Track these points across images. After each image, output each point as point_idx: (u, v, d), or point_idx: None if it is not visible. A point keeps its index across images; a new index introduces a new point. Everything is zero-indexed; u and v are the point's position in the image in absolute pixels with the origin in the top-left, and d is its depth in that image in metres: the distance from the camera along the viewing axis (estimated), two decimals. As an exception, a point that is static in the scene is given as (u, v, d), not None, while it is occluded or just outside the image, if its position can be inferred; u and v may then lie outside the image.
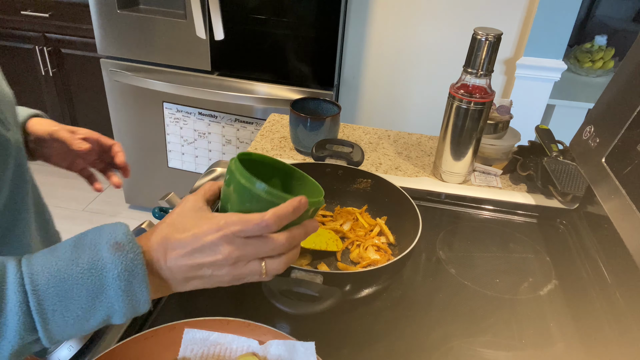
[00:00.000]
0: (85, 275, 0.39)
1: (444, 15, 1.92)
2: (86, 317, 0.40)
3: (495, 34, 0.83)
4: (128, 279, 0.40)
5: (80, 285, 0.39)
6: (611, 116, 0.72)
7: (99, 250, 0.40)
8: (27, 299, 0.38)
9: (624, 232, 0.64)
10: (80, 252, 0.40)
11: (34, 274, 0.39)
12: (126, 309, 0.41)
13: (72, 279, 0.39)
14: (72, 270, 0.39)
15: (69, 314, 0.39)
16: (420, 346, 0.63)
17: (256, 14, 1.74)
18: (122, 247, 0.41)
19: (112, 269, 0.40)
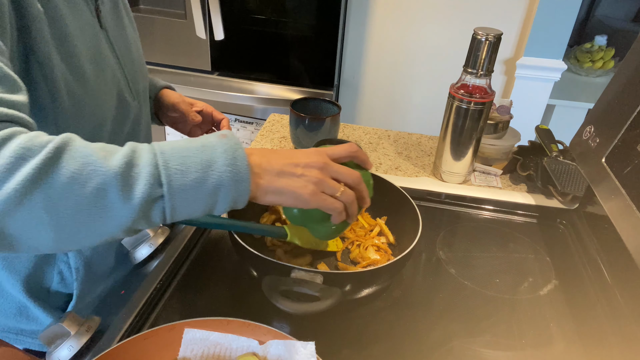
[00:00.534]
0: (199, 150, 0.46)
1: (444, 16, 1.92)
2: (201, 182, 0.45)
3: (495, 34, 0.83)
4: (232, 154, 0.47)
5: (196, 155, 0.46)
6: (611, 116, 0.72)
7: (209, 137, 0.49)
8: (156, 158, 0.44)
9: (624, 232, 0.64)
10: (195, 140, 0.48)
11: (161, 146, 0.46)
12: (231, 181, 0.46)
13: (190, 150, 0.46)
14: (190, 146, 0.47)
15: (188, 175, 0.45)
16: (420, 346, 0.63)
17: (256, 14, 1.74)
18: (227, 136, 0.49)
19: (219, 146, 0.47)
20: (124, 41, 0.70)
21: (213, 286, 0.70)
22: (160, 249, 0.71)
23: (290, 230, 0.69)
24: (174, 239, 0.74)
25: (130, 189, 0.42)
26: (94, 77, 0.60)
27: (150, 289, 0.65)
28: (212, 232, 0.81)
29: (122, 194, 0.42)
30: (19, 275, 0.66)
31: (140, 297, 0.63)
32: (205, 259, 0.75)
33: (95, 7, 0.63)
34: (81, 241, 0.43)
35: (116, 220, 0.43)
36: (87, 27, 0.60)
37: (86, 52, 0.59)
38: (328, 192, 0.53)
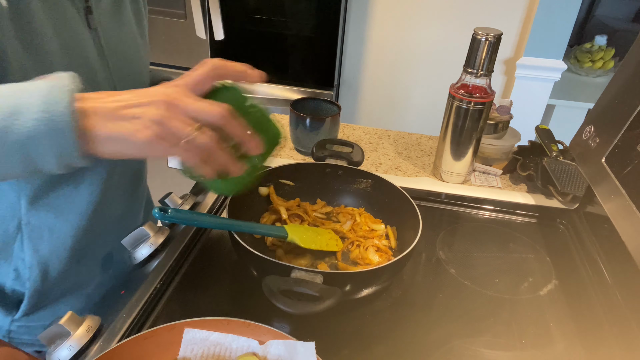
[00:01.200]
0: (9, 95, 0.41)
1: (444, 16, 1.92)
2: (4, 132, 0.39)
3: (495, 34, 0.83)
4: (51, 98, 0.40)
5: (2, 101, 0.41)
6: (611, 116, 0.72)
7: (34, 80, 0.43)
8: None
9: (624, 232, 0.64)
10: (15, 85, 0.43)
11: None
12: (46, 130, 0.40)
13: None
14: (2, 90, 0.41)
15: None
16: (420, 346, 0.63)
17: (256, 14, 1.74)
18: (59, 77, 0.42)
19: (37, 89, 0.41)
20: (119, 42, 0.68)
21: (213, 286, 0.70)
22: (160, 249, 0.71)
23: (290, 230, 0.69)
24: (174, 239, 0.74)
25: None
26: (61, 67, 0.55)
27: (150, 289, 0.65)
28: (212, 232, 0.81)
29: None
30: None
31: (140, 297, 0.63)
32: (205, 259, 0.75)
33: (85, 6, 0.61)
34: None
35: None
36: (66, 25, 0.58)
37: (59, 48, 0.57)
38: (178, 134, 0.43)
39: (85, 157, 0.43)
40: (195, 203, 0.83)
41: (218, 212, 0.85)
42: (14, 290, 0.68)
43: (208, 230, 0.81)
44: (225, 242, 0.79)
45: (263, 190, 0.83)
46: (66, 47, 0.59)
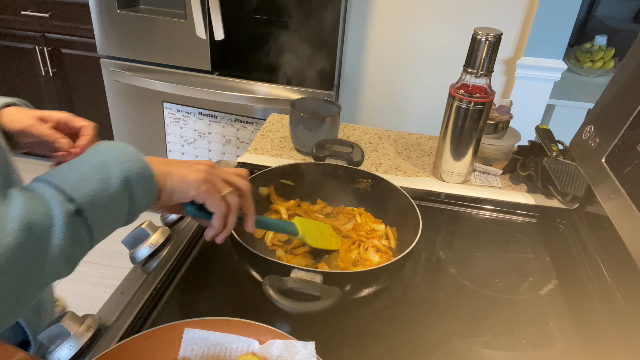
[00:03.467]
0: (85, 160, 0.48)
1: (444, 15, 1.92)
2: (106, 181, 0.46)
3: (495, 34, 0.83)
4: (124, 152, 0.49)
5: (87, 163, 0.47)
6: (611, 116, 0.72)
7: (87, 151, 0.50)
8: (49, 180, 0.44)
9: (624, 232, 0.64)
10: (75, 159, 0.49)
11: (47, 175, 0.46)
12: (135, 169, 0.48)
13: (78, 162, 0.47)
14: (74, 162, 0.48)
15: (90, 180, 0.45)
16: (420, 346, 0.63)
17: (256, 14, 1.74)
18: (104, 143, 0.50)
19: (106, 149, 0.49)
20: None
21: (213, 286, 0.70)
22: (160, 249, 0.71)
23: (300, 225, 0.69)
24: (174, 239, 0.74)
25: (46, 216, 0.42)
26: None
27: (150, 289, 0.65)
28: (212, 232, 0.81)
29: (42, 225, 0.41)
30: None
31: (140, 297, 0.63)
32: (205, 259, 0.75)
33: None
34: (32, 291, 0.42)
35: (54, 251, 0.42)
36: None
37: None
38: (217, 186, 0.54)
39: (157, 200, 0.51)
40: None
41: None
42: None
43: (208, 230, 0.81)
44: (225, 242, 0.79)
45: (263, 190, 0.83)
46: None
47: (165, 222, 0.79)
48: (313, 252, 0.74)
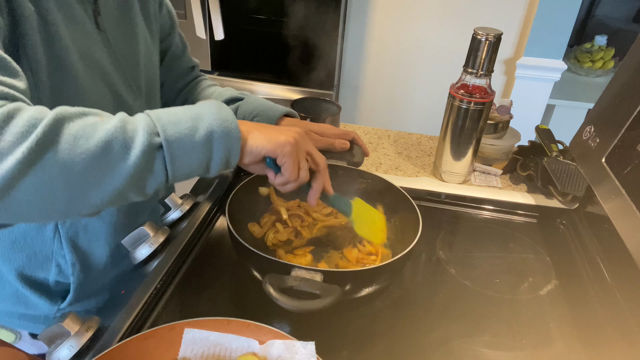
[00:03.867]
0: (186, 109, 0.52)
1: (444, 15, 1.93)
2: (194, 130, 0.50)
3: (495, 34, 0.83)
4: (217, 108, 0.53)
5: (184, 112, 0.51)
6: (611, 116, 0.72)
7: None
8: (149, 116, 0.50)
9: (624, 232, 0.64)
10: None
11: (149, 111, 0.51)
12: (221, 128, 0.51)
13: (177, 109, 0.52)
14: (176, 108, 0.53)
15: (180, 125, 0.50)
16: (420, 346, 0.63)
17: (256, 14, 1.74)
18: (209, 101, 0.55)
19: (204, 104, 0.53)
20: (127, 40, 0.70)
21: (213, 286, 0.70)
22: (160, 249, 0.71)
23: (355, 210, 0.71)
24: (174, 239, 0.74)
25: (131, 139, 0.46)
26: (83, 75, 0.60)
27: (150, 289, 0.65)
28: (212, 232, 0.81)
29: (124, 144, 0.46)
30: (16, 267, 0.67)
31: (140, 297, 0.63)
32: (205, 259, 0.75)
33: (93, 8, 0.62)
34: (92, 199, 0.46)
35: (123, 171, 0.46)
36: (79, 28, 0.60)
37: (76, 52, 0.59)
38: (299, 154, 0.58)
39: (239, 157, 0.54)
40: (195, 203, 0.83)
41: (218, 212, 0.85)
42: (57, 282, 0.71)
43: (208, 230, 0.81)
44: (225, 242, 0.79)
45: (263, 190, 0.83)
46: (83, 53, 0.60)
47: (165, 222, 0.79)
48: (314, 252, 0.74)
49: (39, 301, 0.70)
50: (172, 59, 0.89)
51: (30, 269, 0.68)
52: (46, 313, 0.72)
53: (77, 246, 0.69)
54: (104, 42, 0.65)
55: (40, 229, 0.66)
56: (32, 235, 0.66)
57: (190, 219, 0.79)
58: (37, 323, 0.73)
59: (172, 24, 0.86)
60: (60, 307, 0.72)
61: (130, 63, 0.70)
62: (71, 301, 0.72)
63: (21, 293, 0.70)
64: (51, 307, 0.71)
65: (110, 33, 0.66)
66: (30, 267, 0.68)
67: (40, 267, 0.69)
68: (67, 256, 0.68)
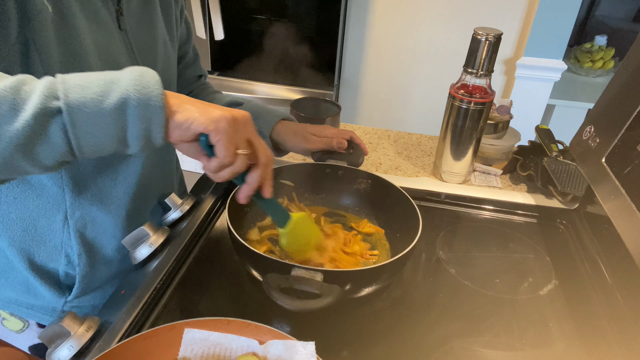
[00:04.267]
0: (103, 73, 0.46)
1: (444, 15, 1.93)
2: (104, 96, 0.44)
3: (495, 34, 0.83)
4: (140, 73, 0.47)
5: (98, 76, 0.46)
6: (611, 116, 0.72)
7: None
8: (53, 78, 0.44)
9: (624, 232, 0.64)
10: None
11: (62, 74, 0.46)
12: (139, 95, 0.45)
13: (92, 74, 0.46)
14: (92, 73, 0.47)
15: (88, 89, 0.44)
16: (420, 346, 0.63)
17: (256, 14, 1.74)
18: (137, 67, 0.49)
19: (126, 71, 0.47)
20: (147, 41, 0.70)
21: (213, 286, 0.70)
22: (160, 249, 0.71)
23: (292, 226, 0.67)
24: (174, 239, 0.74)
25: (22, 101, 0.42)
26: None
27: (150, 289, 0.65)
28: (212, 232, 0.81)
29: (12, 105, 0.42)
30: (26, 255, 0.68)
31: (140, 297, 0.63)
32: (205, 259, 0.75)
33: (116, 8, 0.63)
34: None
35: (7, 135, 0.42)
36: (101, 26, 0.61)
37: (95, 50, 0.59)
38: (237, 137, 0.51)
39: (163, 134, 0.48)
40: (195, 203, 0.83)
41: (217, 212, 0.85)
42: (67, 273, 0.71)
43: (208, 230, 0.81)
44: (225, 242, 0.79)
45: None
46: (100, 50, 0.60)
47: (165, 222, 0.79)
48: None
49: (47, 292, 0.70)
50: (184, 67, 0.91)
51: (40, 258, 0.69)
52: (54, 305, 0.72)
53: (84, 237, 0.69)
54: (124, 41, 0.65)
55: (50, 217, 0.66)
56: (42, 224, 0.66)
57: (190, 219, 0.79)
58: (44, 314, 0.74)
59: (189, 34, 0.88)
60: (68, 299, 0.72)
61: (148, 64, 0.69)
62: (77, 293, 0.72)
63: (30, 283, 0.70)
64: (59, 299, 0.71)
65: (131, 33, 0.67)
66: (40, 257, 0.69)
67: (50, 257, 0.69)
68: (74, 247, 0.69)
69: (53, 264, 0.70)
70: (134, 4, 0.67)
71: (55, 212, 0.66)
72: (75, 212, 0.67)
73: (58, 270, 0.71)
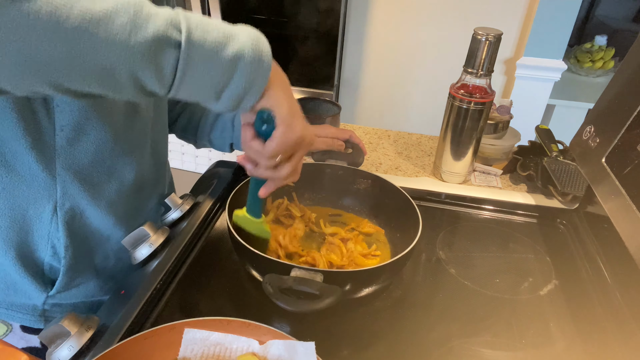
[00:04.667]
0: (222, 25, 0.47)
1: (444, 15, 1.93)
2: (222, 45, 0.46)
3: (495, 34, 0.83)
4: (257, 37, 0.49)
5: (219, 25, 0.47)
6: (611, 116, 0.72)
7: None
8: (179, 11, 0.45)
9: (624, 232, 0.64)
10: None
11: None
12: (252, 55, 0.47)
13: (212, 21, 0.47)
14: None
15: (209, 34, 0.45)
16: (420, 346, 0.63)
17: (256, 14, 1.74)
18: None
19: (244, 30, 0.48)
20: None
21: (213, 286, 0.70)
22: (160, 249, 0.71)
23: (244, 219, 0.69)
24: (174, 239, 0.74)
25: (146, 21, 0.41)
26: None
27: (150, 289, 0.65)
28: (212, 232, 0.81)
29: (135, 20, 0.41)
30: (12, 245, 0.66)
31: (140, 297, 0.63)
32: (205, 259, 0.75)
33: None
34: (76, 67, 0.40)
35: (124, 48, 0.41)
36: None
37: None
38: (294, 146, 0.55)
39: (255, 102, 0.50)
40: (195, 203, 0.83)
41: (217, 213, 0.85)
42: (51, 266, 0.70)
43: (208, 230, 0.81)
44: (225, 242, 0.79)
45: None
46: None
47: (165, 222, 0.79)
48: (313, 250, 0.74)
49: (29, 286, 0.69)
50: None
51: (26, 249, 0.68)
52: (34, 302, 0.71)
53: (72, 230, 0.68)
54: None
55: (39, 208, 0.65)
56: (31, 214, 0.65)
57: (190, 219, 0.79)
58: (25, 314, 0.72)
59: None
60: (50, 293, 0.71)
61: None
62: (60, 287, 0.71)
63: (11, 277, 0.68)
64: (40, 293, 0.70)
65: None
66: (25, 247, 0.68)
67: (35, 247, 0.68)
68: (61, 239, 0.68)
69: (38, 254, 0.69)
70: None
71: (45, 202, 0.65)
72: (66, 203, 0.66)
73: (43, 261, 0.69)
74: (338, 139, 0.85)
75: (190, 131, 0.92)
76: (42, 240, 0.68)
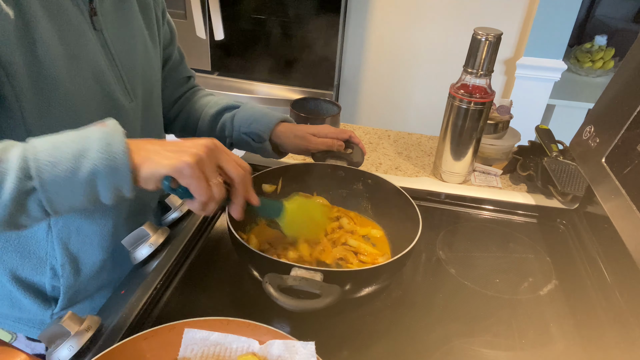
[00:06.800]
0: (73, 141, 0.48)
1: (444, 15, 1.93)
2: (74, 172, 0.47)
3: (495, 34, 0.83)
4: (107, 141, 0.49)
5: (68, 147, 0.48)
6: (611, 116, 0.72)
7: (88, 126, 0.51)
8: (25, 152, 0.47)
9: (624, 232, 0.64)
10: (71, 132, 0.50)
11: (36, 140, 0.49)
12: (106, 169, 0.48)
13: (64, 143, 0.48)
14: (65, 138, 0.49)
15: (59, 166, 0.47)
16: (420, 346, 0.63)
17: (256, 14, 1.74)
18: (106, 124, 0.51)
19: (95, 134, 0.49)
20: (125, 41, 0.69)
21: (213, 286, 0.70)
22: (160, 249, 0.71)
23: (289, 209, 0.68)
24: (174, 239, 0.74)
25: (0, 181, 0.45)
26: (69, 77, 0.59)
27: (150, 289, 0.65)
28: (212, 232, 0.81)
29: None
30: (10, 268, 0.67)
31: (140, 297, 0.63)
32: (205, 259, 0.75)
33: (88, 7, 0.62)
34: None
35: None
36: (70, 29, 0.59)
37: (64, 53, 0.58)
38: (206, 173, 0.52)
39: (133, 188, 0.51)
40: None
41: (217, 212, 0.85)
42: (53, 286, 0.71)
43: (208, 230, 0.81)
44: (225, 242, 0.79)
45: (266, 187, 0.83)
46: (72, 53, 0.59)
47: (165, 222, 0.79)
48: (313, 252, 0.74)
49: (32, 306, 0.70)
50: (171, 69, 0.89)
51: (25, 271, 0.68)
52: (40, 317, 0.72)
53: (68, 248, 0.68)
54: (100, 42, 0.64)
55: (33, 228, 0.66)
56: (25, 234, 0.66)
57: (190, 219, 0.79)
58: (32, 327, 0.73)
59: (172, 35, 0.86)
60: (54, 311, 0.71)
61: (126, 65, 0.69)
62: (63, 305, 0.71)
63: (15, 296, 0.69)
64: (44, 311, 0.71)
65: (107, 33, 0.65)
66: (24, 269, 0.68)
67: (34, 269, 0.68)
68: (58, 258, 0.68)
69: (39, 277, 0.69)
70: (107, 2, 0.65)
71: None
72: (59, 220, 0.66)
73: (44, 283, 0.70)
74: (338, 139, 0.85)
75: (189, 130, 0.92)
76: (41, 263, 0.68)
